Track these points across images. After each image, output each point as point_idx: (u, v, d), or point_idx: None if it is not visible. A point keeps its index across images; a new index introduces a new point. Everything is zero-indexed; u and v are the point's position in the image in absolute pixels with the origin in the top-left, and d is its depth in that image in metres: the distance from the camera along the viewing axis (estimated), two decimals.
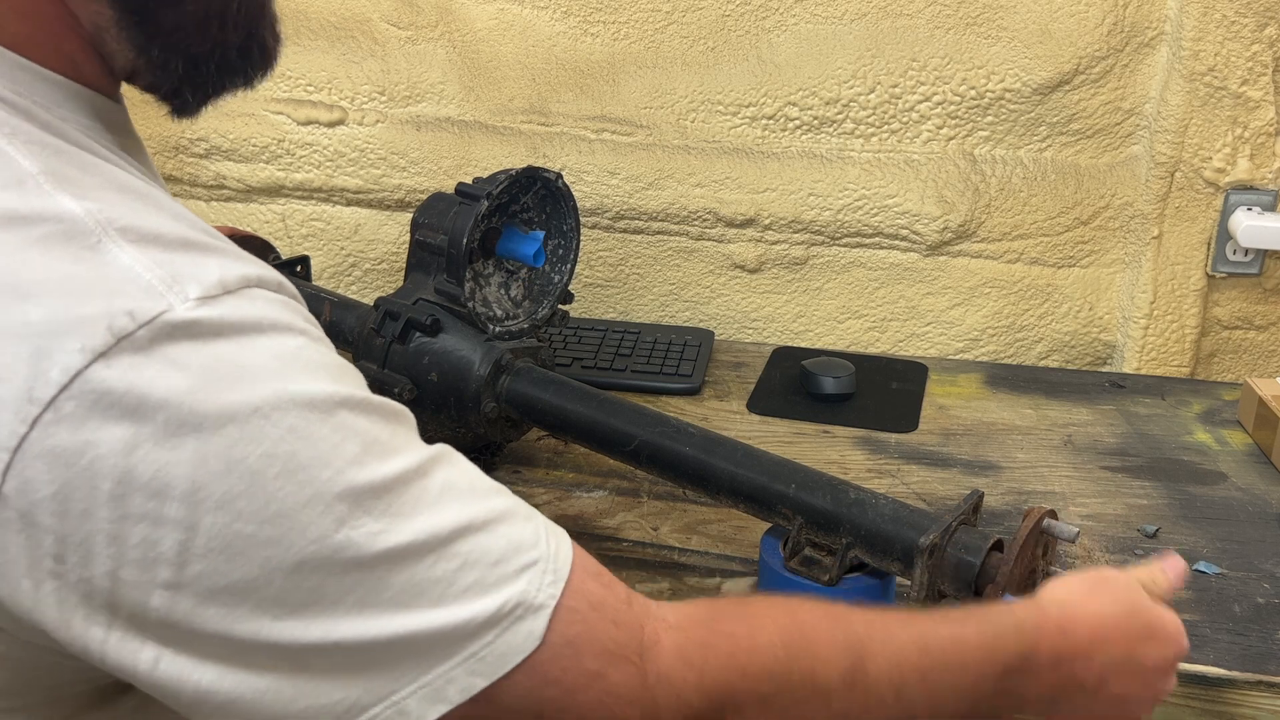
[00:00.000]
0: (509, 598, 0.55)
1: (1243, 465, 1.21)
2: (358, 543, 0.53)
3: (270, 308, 0.55)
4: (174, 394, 0.50)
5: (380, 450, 0.55)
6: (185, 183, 1.58)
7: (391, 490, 0.54)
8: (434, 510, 0.55)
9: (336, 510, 0.52)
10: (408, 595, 0.54)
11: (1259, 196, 1.38)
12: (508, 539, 0.57)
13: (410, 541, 0.54)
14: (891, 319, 1.52)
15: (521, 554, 0.57)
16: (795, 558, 0.91)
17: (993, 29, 1.39)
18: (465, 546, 0.55)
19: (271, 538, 0.51)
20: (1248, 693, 0.89)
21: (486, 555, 0.56)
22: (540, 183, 1.13)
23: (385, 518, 0.54)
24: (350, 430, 0.54)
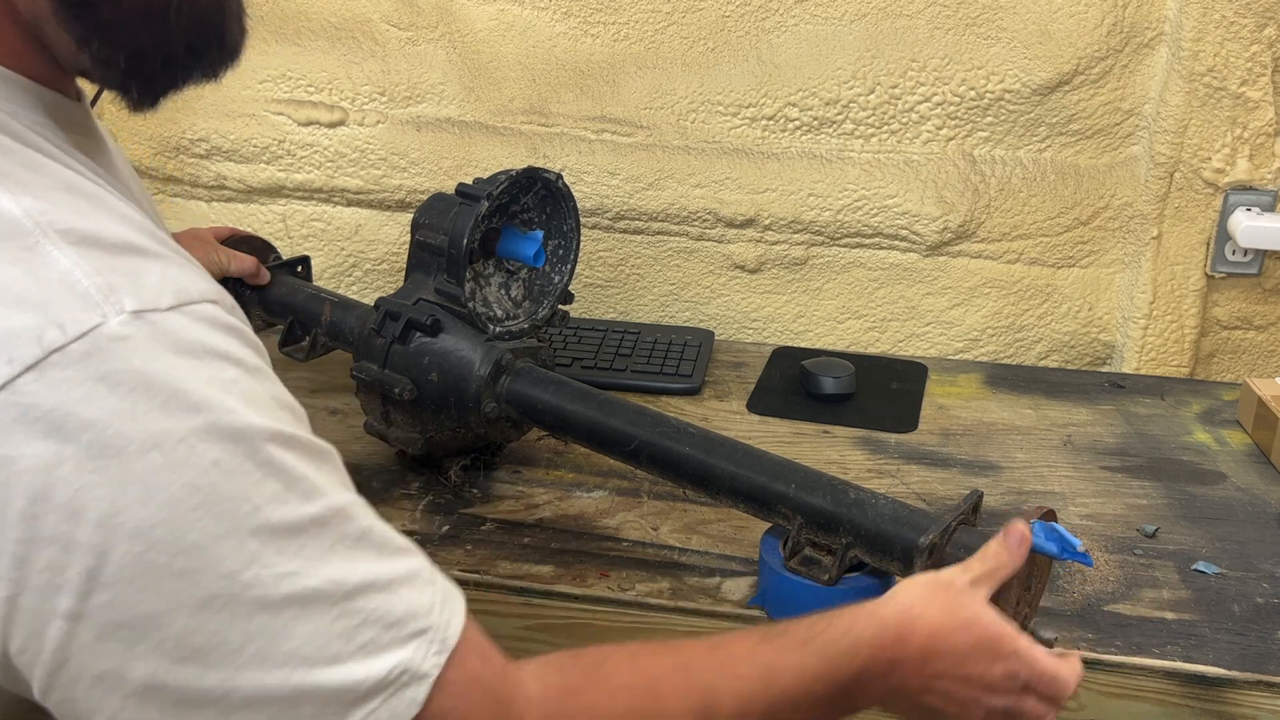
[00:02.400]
0: (398, 663, 0.55)
1: (1242, 465, 1.21)
2: (266, 583, 0.52)
3: (210, 330, 0.54)
4: (102, 415, 0.49)
5: (303, 490, 0.54)
6: (186, 183, 1.58)
7: (307, 532, 0.53)
8: (346, 559, 0.55)
9: (249, 547, 0.51)
10: (308, 648, 0.52)
11: (1258, 197, 1.38)
12: (406, 603, 0.56)
13: (318, 588, 0.53)
14: (891, 319, 1.52)
15: (416, 620, 0.56)
16: (795, 557, 0.92)
17: (992, 29, 1.40)
18: (369, 604, 0.55)
19: (183, 570, 0.50)
20: (1247, 692, 0.89)
21: (386, 616, 0.55)
22: (540, 183, 1.13)
23: (298, 559, 0.53)
24: (275, 467, 0.53)
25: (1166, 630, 0.94)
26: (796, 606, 0.91)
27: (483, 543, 1.04)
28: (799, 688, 0.67)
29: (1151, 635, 0.93)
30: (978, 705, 0.70)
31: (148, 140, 1.55)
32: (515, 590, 0.98)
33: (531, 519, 1.08)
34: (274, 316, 1.29)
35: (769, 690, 0.67)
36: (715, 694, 0.65)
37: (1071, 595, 0.98)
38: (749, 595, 0.97)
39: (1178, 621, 0.95)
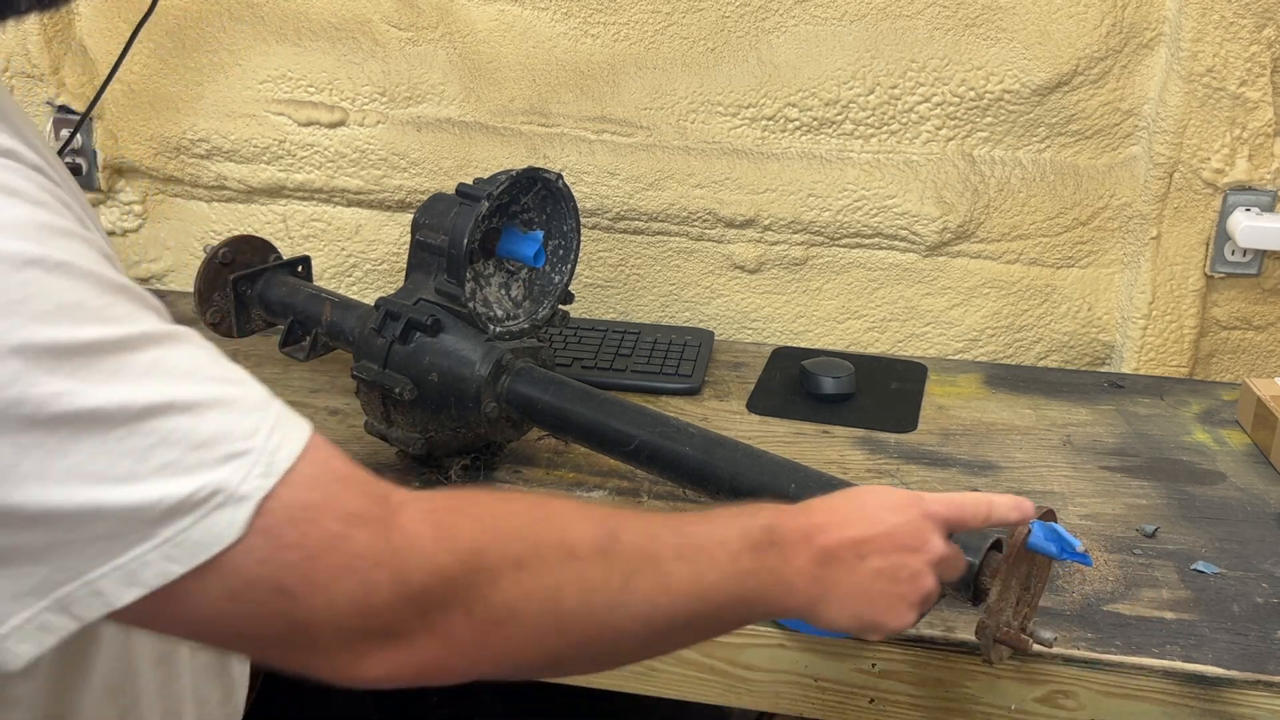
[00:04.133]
0: (205, 484, 0.53)
1: (1241, 465, 1.21)
2: (33, 400, 0.50)
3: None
4: None
5: (79, 314, 0.52)
6: (186, 183, 1.58)
7: (83, 354, 0.51)
8: (133, 383, 0.53)
9: (11, 365, 0.49)
10: (93, 466, 0.51)
11: (1258, 197, 1.38)
12: (217, 426, 0.54)
13: (97, 408, 0.51)
14: (891, 319, 1.52)
15: (230, 443, 0.54)
16: None
17: (992, 30, 1.40)
18: (164, 425, 0.53)
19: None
20: (1247, 692, 0.89)
21: (187, 438, 0.53)
22: (540, 183, 1.14)
23: (71, 380, 0.51)
24: (41, 288, 0.51)
25: (1166, 630, 0.94)
26: None
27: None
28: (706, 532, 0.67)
29: (1151, 635, 0.93)
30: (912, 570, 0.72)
31: (148, 140, 1.55)
32: None
33: None
34: (274, 316, 1.29)
35: (677, 534, 0.66)
36: (618, 521, 0.64)
37: (1071, 595, 0.98)
38: None
39: (1177, 621, 0.95)
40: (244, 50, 1.53)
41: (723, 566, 0.66)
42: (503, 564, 0.59)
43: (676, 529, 0.66)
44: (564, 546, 0.61)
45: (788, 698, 0.96)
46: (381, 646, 0.57)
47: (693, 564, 0.65)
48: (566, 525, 0.63)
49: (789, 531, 0.70)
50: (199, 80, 1.54)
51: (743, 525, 0.69)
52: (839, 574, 0.70)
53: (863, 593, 0.71)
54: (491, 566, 0.59)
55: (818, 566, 0.70)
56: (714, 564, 0.66)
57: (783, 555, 0.69)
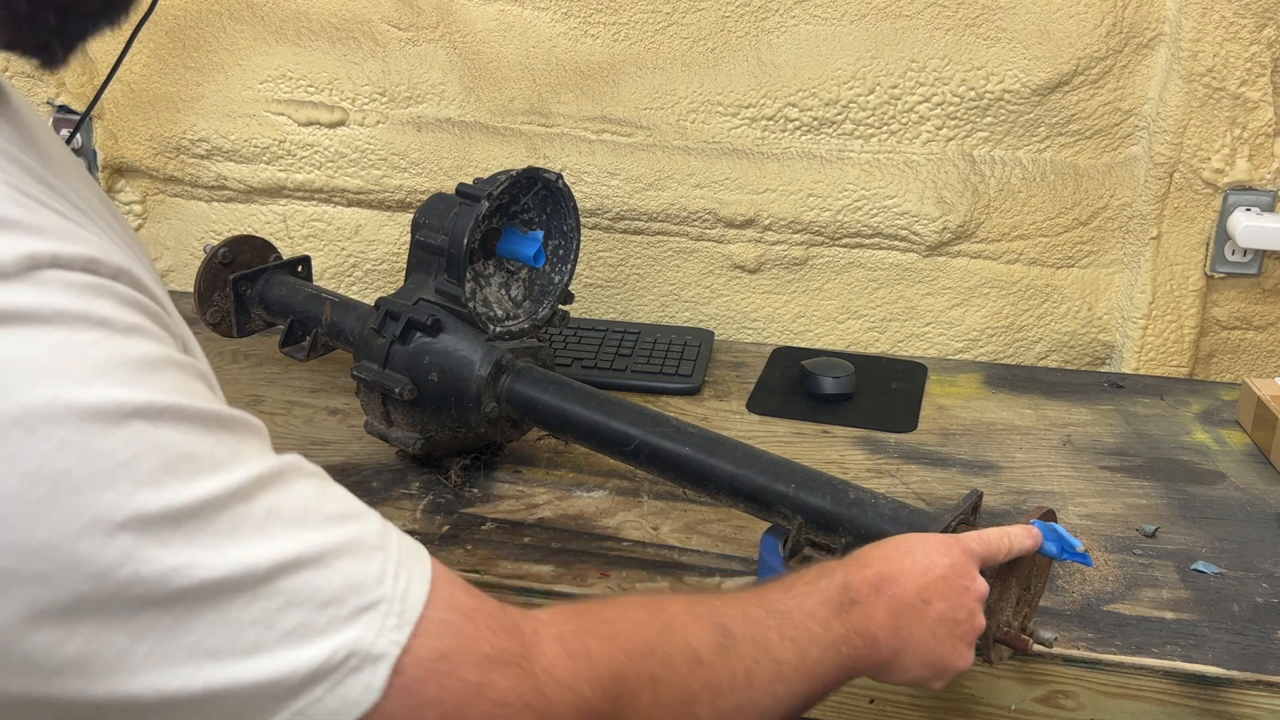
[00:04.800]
0: (339, 646, 0.48)
1: (1241, 465, 1.21)
2: (148, 579, 0.44)
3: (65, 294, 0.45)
4: None
5: (189, 467, 0.46)
6: (186, 183, 1.58)
7: (198, 516, 0.46)
8: (254, 541, 0.47)
9: (121, 542, 0.44)
10: (215, 641, 0.46)
11: (1258, 197, 1.38)
12: (345, 575, 0.49)
13: (220, 578, 0.46)
14: (891, 319, 1.52)
15: (359, 594, 0.49)
16: (795, 557, 0.92)
17: (992, 30, 1.40)
18: (290, 584, 0.47)
19: (36, 575, 0.43)
20: (1247, 692, 0.89)
21: (316, 595, 0.48)
22: (540, 183, 1.14)
23: (187, 549, 0.45)
24: (147, 443, 0.45)
25: (1166, 630, 0.94)
26: None
27: (483, 543, 1.04)
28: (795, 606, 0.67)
29: (1151, 635, 0.93)
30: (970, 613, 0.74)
31: (148, 140, 1.55)
32: (515, 590, 0.98)
33: (531, 519, 1.08)
34: (274, 316, 1.29)
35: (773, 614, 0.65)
36: (723, 613, 0.63)
37: (1071, 595, 0.98)
38: None
39: (1177, 621, 0.95)
40: (244, 50, 1.53)
41: (821, 640, 0.66)
42: (640, 685, 0.57)
43: (771, 608, 0.66)
44: (689, 654, 0.60)
45: None
46: None
47: (795, 643, 0.65)
48: (686, 630, 0.61)
49: (862, 587, 0.70)
50: (199, 80, 1.54)
51: (822, 591, 0.69)
52: (911, 623, 0.71)
53: (932, 638, 0.72)
54: (631, 690, 0.57)
55: (893, 618, 0.70)
56: (813, 639, 0.66)
57: (864, 612, 0.69)
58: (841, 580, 0.70)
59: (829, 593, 0.68)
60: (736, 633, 0.62)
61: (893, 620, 0.70)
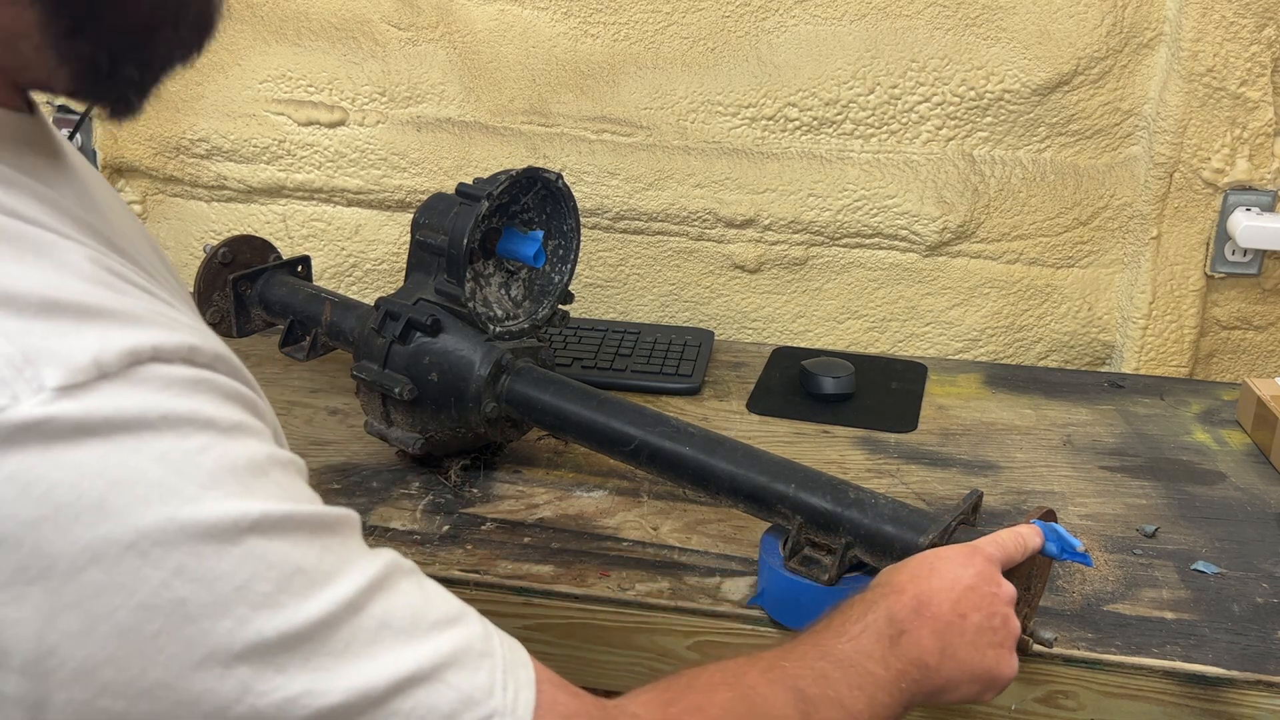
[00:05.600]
0: None
1: (1241, 465, 1.21)
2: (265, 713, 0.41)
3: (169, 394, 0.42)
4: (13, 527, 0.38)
5: (303, 583, 0.43)
6: (186, 183, 1.58)
7: (314, 638, 0.43)
8: (369, 658, 0.45)
9: (238, 674, 0.41)
10: None
11: (1258, 197, 1.38)
12: (458, 691, 0.47)
13: (338, 703, 0.43)
14: (891, 319, 1.52)
15: (474, 709, 0.47)
16: (795, 557, 0.92)
17: (992, 30, 1.40)
18: (407, 704, 0.45)
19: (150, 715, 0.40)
20: (1247, 692, 0.89)
21: (432, 712, 0.46)
22: (540, 183, 1.14)
23: (304, 674, 0.42)
24: (263, 561, 0.42)
25: (1166, 630, 0.94)
26: (796, 606, 0.91)
27: (483, 543, 1.04)
28: (853, 650, 0.67)
29: (1151, 635, 0.93)
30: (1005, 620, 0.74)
31: (148, 140, 1.55)
32: (515, 590, 0.98)
33: (531, 519, 1.08)
34: (274, 316, 1.29)
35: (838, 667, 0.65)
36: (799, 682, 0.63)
37: (1071, 595, 0.98)
38: (749, 595, 0.97)
39: (1177, 621, 0.95)
40: (244, 50, 1.53)
41: (883, 681, 0.66)
42: None
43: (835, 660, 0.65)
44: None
45: None
46: None
47: (864, 690, 0.65)
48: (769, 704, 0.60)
49: (904, 615, 0.70)
50: (199, 80, 1.54)
51: (872, 627, 0.68)
52: (954, 640, 0.71)
53: (975, 651, 0.72)
54: None
55: (938, 639, 0.70)
56: (878, 683, 0.66)
57: (913, 640, 0.69)
58: (885, 612, 0.70)
59: (879, 628, 0.68)
60: (813, 695, 0.62)
61: (939, 642, 0.70)
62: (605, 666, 0.98)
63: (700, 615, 0.95)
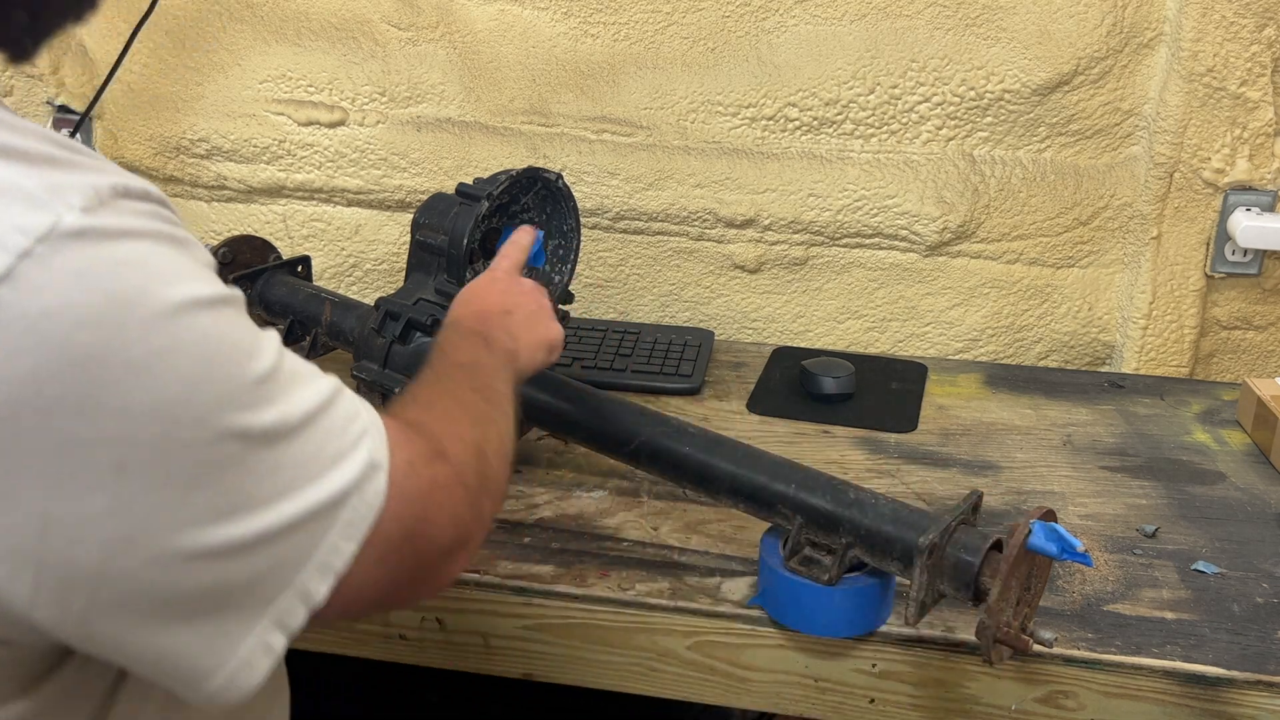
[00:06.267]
0: (360, 460, 0.59)
1: (1242, 465, 1.21)
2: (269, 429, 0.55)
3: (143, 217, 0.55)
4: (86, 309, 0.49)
5: (255, 339, 0.57)
6: (186, 183, 1.58)
7: (276, 375, 0.57)
8: (298, 392, 0.58)
9: (250, 399, 0.54)
10: (301, 472, 0.57)
11: (1258, 197, 1.38)
12: (344, 410, 0.61)
13: (299, 418, 0.57)
14: (891, 319, 1.52)
15: (356, 422, 0.61)
16: (795, 557, 0.92)
17: (992, 30, 1.40)
18: (324, 421, 0.59)
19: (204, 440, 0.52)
20: (1247, 692, 0.89)
21: (337, 426, 0.59)
22: (540, 183, 1.13)
23: (280, 401, 0.56)
24: (240, 324, 0.56)
25: (1166, 630, 0.94)
26: (797, 606, 0.91)
27: (483, 543, 1.04)
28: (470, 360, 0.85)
29: (1151, 635, 0.93)
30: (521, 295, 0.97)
31: (148, 140, 1.55)
32: (515, 590, 0.98)
33: (531, 519, 1.08)
34: (274, 316, 1.29)
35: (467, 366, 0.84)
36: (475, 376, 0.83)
37: (1071, 595, 0.98)
38: (749, 595, 0.97)
39: (1177, 621, 0.95)
40: (244, 50, 1.53)
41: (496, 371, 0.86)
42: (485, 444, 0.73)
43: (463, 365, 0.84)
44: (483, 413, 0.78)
45: (788, 698, 0.96)
46: (462, 551, 0.68)
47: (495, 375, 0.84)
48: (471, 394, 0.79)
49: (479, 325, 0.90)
50: (199, 80, 1.54)
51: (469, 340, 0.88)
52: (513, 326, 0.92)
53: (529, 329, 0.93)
54: (485, 454, 0.73)
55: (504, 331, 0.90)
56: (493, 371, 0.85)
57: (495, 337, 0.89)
58: (470, 329, 0.89)
59: (474, 340, 0.87)
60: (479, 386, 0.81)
61: (506, 333, 0.90)
62: (605, 666, 0.98)
63: (700, 615, 0.95)
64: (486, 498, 0.71)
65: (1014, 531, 0.82)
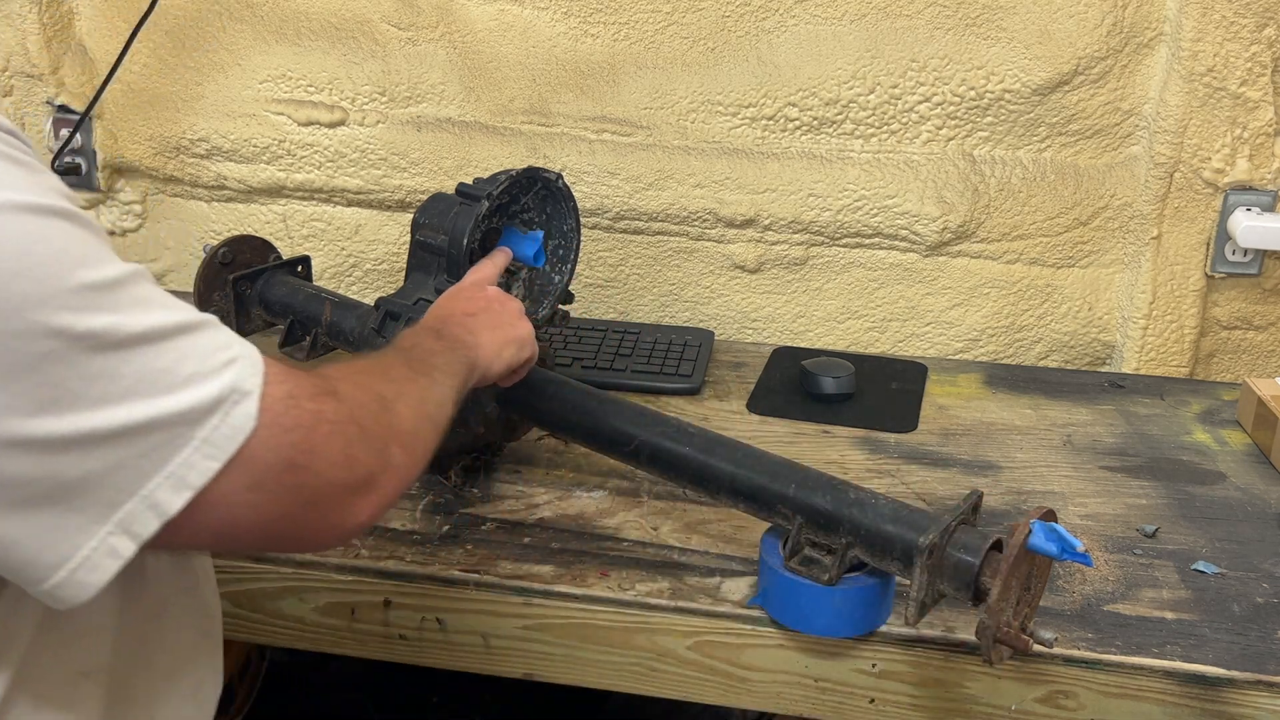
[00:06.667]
0: (224, 385, 0.62)
1: (1242, 465, 1.21)
2: (97, 332, 0.58)
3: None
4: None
5: (99, 256, 0.60)
6: (186, 183, 1.58)
7: (115, 290, 0.60)
8: (150, 311, 0.61)
9: (74, 302, 0.57)
10: (142, 384, 0.59)
11: (1258, 197, 1.38)
12: (212, 340, 0.63)
13: (140, 332, 0.60)
14: (891, 319, 1.52)
15: (226, 350, 0.64)
16: (795, 557, 0.92)
17: (992, 30, 1.40)
18: (182, 342, 0.62)
19: (18, 331, 0.55)
20: (1247, 692, 0.89)
21: (199, 350, 0.62)
22: (540, 183, 1.13)
23: (116, 312, 0.59)
24: (73, 236, 0.59)
25: (1166, 630, 0.94)
26: (796, 606, 0.91)
27: (483, 543, 1.04)
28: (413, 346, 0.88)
29: (1151, 635, 0.93)
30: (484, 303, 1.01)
31: (148, 140, 1.55)
32: (515, 590, 0.98)
33: (531, 519, 1.08)
34: (274, 316, 1.29)
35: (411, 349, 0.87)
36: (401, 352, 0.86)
37: (1071, 595, 0.98)
38: (749, 595, 0.97)
39: (1177, 621, 0.95)
40: (244, 50, 1.53)
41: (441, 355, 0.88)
42: (395, 397, 0.75)
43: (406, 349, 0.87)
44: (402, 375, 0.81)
45: (788, 698, 0.96)
46: (364, 494, 0.69)
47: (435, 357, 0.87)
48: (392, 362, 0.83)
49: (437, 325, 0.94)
50: (199, 80, 1.54)
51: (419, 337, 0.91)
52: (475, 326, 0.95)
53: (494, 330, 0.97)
54: (392, 404, 0.75)
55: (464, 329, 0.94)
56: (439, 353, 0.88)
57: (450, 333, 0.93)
58: (424, 326, 0.94)
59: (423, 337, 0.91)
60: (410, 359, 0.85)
61: (464, 330, 0.94)
62: (605, 666, 0.98)
63: (700, 615, 0.95)
64: (396, 445, 0.73)
65: (1014, 531, 0.82)
